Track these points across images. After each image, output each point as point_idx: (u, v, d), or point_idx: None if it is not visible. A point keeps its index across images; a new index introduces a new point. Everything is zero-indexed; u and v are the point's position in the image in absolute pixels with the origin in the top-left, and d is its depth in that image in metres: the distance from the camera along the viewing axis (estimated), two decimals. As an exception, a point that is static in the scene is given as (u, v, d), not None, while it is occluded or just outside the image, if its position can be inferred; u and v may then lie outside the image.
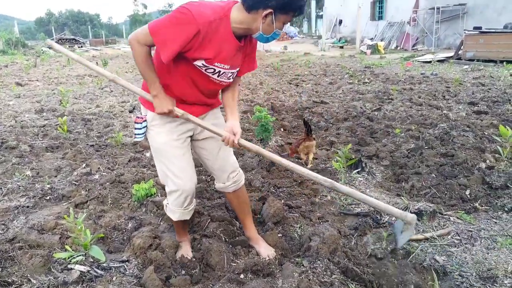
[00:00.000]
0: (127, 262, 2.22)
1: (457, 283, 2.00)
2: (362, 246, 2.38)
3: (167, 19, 1.73)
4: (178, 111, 1.94)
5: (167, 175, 2.08)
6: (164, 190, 3.16)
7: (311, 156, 3.84)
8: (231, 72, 1.95)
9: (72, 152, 4.24)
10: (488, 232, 2.49)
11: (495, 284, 1.98)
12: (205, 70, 1.88)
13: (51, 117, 6.20)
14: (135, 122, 2.05)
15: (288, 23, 1.86)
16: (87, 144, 4.58)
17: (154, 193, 3.03)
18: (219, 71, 1.89)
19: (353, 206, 2.93)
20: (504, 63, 10.80)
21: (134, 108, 6.74)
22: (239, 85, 2.17)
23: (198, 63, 1.83)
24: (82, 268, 2.11)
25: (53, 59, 19.08)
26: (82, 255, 2.17)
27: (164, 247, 2.28)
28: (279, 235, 2.48)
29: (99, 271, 2.12)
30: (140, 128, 2.05)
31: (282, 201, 2.92)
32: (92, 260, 2.20)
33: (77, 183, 3.45)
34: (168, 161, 2.06)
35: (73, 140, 4.80)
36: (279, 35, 1.88)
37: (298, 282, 1.93)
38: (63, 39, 33.12)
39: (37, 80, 10.81)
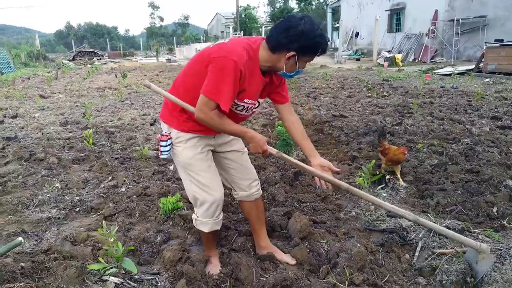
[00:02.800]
0: (158, 275, 2.27)
1: (489, 303, 1.99)
2: (389, 263, 2.38)
3: (216, 77, 1.81)
4: (272, 150, 2.11)
5: (196, 188, 2.16)
6: (191, 203, 3.25)
7: (398, 170, 3.69)
8: (253, 105, 2.05)
9: (98, 164, 4.35)
10: (518, 251, 2.45)
11: (527, 304, 1.96)
12: (235, 109, 1.99)
13: (75, 129, 6.38)
14: (161, 140, 2.12)
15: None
16: (112, 157, 4.69)
17: (181, 207, 3.09)
18: (247, 107, 2.01)
19: (378, 222, 2.93)
20: (526, 76, 10.64)
21: (155, 121, 6.87)
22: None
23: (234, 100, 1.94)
24: (116, 280, 2.17)
25: (73, 71, 19.65)
26: (115, 267, 2.23)
27: (194, 260, 2.32)
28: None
29: (132, 283, 2.18)
30: (166, 146, 2.12)
31: (307, 216, 2.94)
32: (124, 272, 2.26)
33: (104, 196, 3.54)
34: (196, 174, 2.14)
35: (98, 152, 4.93)
36: (302, 72, 2.00)
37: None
38: (83, 51, 34.06)
39: (59, 93, 11.13)
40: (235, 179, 2.33)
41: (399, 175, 3.68)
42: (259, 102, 2.10)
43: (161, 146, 2.13)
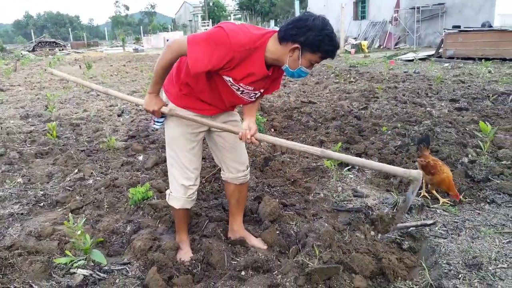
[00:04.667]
0: (128, 265, 2.26)
1: (445, 271, 2.11)
2: (355, 240, 2.47)
3: (206, 37, 1.80)
4: (165, 109, 2.09)
5: (175, 164, 2.22)
6: (161, 192, 3.24)
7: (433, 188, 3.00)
8: (254, 93, 2.05)
9: (63, 157, 4.23)
10: (472, 223, 2.61)
11: (480, 270, 2.09)
12: (231, 85, 1.99)
13: (37, 122, 6.15)
14: None
15: (316, 63, 1.90)
16: (78, 150, 4.57)
17: (151, 196, 3.07)
18: (243, 90, 2.00)
19: (345, 202, 3.02)
20: (483, 60, 11.13)
21: (122, 112, 6.73)
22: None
23: (227, 78, 1.94)
24: (85, 272, 2.14)
25: (34, 63, 18.78)
26: (83, 259, 2.20)
27: (165, 248, 2.32)
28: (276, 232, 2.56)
29: (101, 274, 2.16)
30: (160, 117, 2.18)
31: (277, 200, 2.99)
32: (93, 264, 2.23)
33: (71, 189, 3.45)
34: (179, 151, 2.19)
35: (63, 145, 4.78)
36: (306, 74, 1.93)
37: (295, 277, 2.01)
38: (43, 42, 32.55)
39: (19, 85, 10.64)
40: (225, 159, 2.37)
41: (435, 193, 3.03)
42: (261, 93, 2.10)
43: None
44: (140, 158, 4.23)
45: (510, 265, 2.14)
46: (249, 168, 2.45)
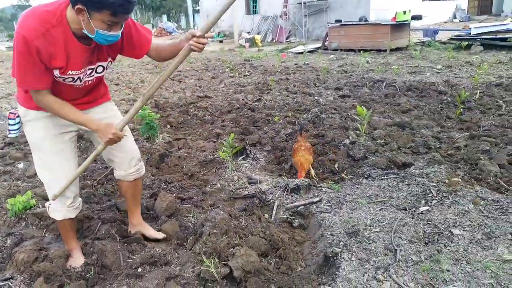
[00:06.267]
0: (11, 279, 2.08)
1: (329, 241, 2.36)
2: (251, 224, 2.61)
3: (16, 62, 1.70)
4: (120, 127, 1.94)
5: (43, 170, 2.06)
6: (46, 199, 3.00)
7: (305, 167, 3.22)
8: (90, 70, 1.91)
9: None
10: (351, 196, 2.94)
11: (357, 236, 2.39)
12: (64, 80, 1.85)
13: None
14: (9, 118, 2.01)
15: (117, 23, 1.71)
16: None
17: (34, 205, 2.83)
18: (79, 77, 1.88)
19: (241, 190, 3.16)
20: (361, 51, 12.35)
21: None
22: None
23: (55, 73, 1.80)
24: (-44, 295, 1.91)
25: None
26: (-46, 282, 1.97)
27: (53, 257, 2.18)
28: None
29: (-22, 295, 1.95)
30: (14, 124, 2.01)
31: (174, 194, 3.00)
32: (-33, 286, 2.01)
33: None
34: (44, 155, 2.03)
35: None
36: (113, 37, 1.74)
37: (193, 267, 2.06)
38: None
39: None
40: (113, 157, 2.26)
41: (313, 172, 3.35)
42: (103, 67, 1.96)
43: (9, 124, 2.01)
44: (20, 166, 3.85)
45: (382, 228, 2.47)
46: (141, 162, 2.39)
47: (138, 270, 2.08)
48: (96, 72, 1.97)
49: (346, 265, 2.13)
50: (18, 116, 2.00)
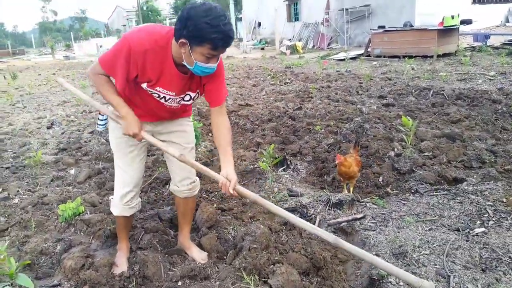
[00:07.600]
0: (58, 286, 2.15)
1: (375, 261, 2.25)
2: (291, 239, 2.55)
3: (111, 51, 1.86)
4: (144, 135, 2.03)
5: (116, 167, 2.23)
6: (94, 206, 3.12)
7: (352, 182, 3.17)
8: (179, 98, 2.03)
9: (-17, 177, 3.90)
10: (398, 213, 2.81)
11: (405, 258, 2.26)
12: (151, 93, 1.98)
13: (-47, 139, 5.60)
14: (99, 113, 2.25)
15: (215, 56, 1.80)
16: (1, 167, 4.24)
17: (83, 211, 2.94)
18: (164, 97, 1.99)
19: (282, 202, 3.11)
20: (406, 58, 11.95)
21: (52, 124, 6.34)
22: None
23: (143, 85, 1.94)
24: (9, 299, 2.00)
25: None
26: (8, 285, 2.06)
27: (98, 265, 2.24)
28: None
29: (28, 300, 2.03)
30: (102, 120, 2.26)
31: (215, 205, 3.00)
32: (19, 289, 2.09)
33: (-7, 210, 3.20)
34: (119, 154, 2.19)
35: (-17, 163, 4.41)
36: (210, 69, 1.83)
37: (233, 283, 2.03)
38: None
39: None
40: (171, 170, 2.37)
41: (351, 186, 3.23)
42: (190, 96, 2.05)
43: (98, 119, 2.27)
44: (72, 172, 4.02)
45: (433, 251, 2.33)
46: (197, 182, 2.41)
47: (178, 284, 2.08)
48: (184, 100, 2.07)
49: (393, 289, 2.02)
50: None
